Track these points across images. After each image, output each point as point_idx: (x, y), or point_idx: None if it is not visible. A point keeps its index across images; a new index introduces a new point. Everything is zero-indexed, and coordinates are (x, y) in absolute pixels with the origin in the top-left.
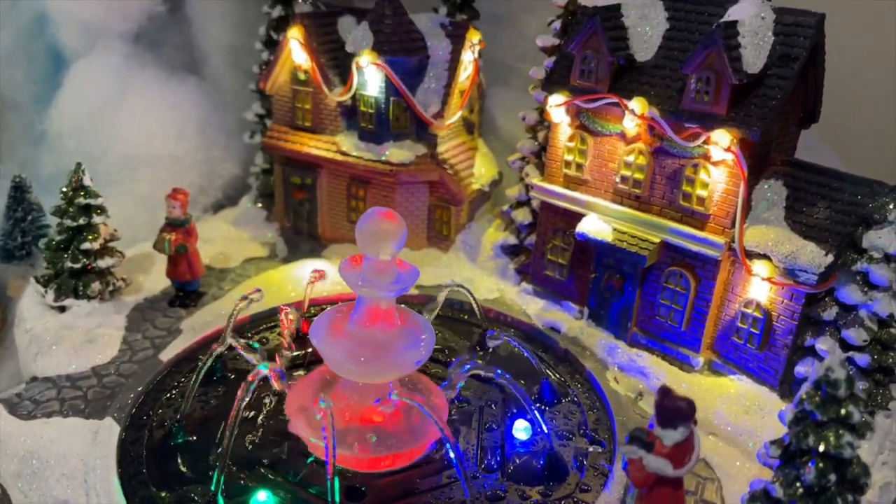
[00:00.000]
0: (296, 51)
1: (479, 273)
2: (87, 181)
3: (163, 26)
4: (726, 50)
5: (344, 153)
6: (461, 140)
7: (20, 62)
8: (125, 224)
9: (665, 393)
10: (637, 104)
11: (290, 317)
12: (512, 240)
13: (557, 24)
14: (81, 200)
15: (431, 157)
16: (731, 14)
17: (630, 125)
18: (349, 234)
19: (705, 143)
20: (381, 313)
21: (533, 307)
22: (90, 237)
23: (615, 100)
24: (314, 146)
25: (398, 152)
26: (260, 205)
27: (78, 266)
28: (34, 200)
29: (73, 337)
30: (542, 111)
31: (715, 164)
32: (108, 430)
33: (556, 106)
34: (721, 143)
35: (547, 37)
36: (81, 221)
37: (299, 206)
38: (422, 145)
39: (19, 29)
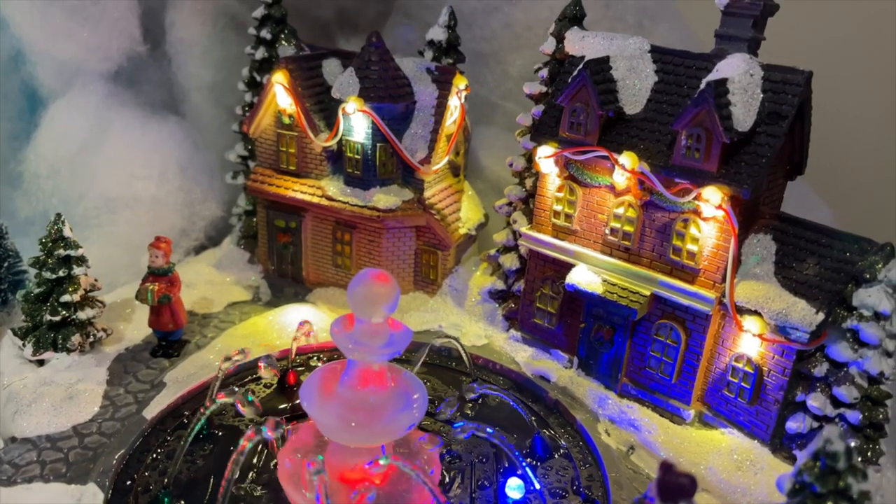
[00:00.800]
0: (280, 95)
1: (467, 318)
2: (66, 232)
3: (142, 64)
4: (717, 109)
5: (330, 198)
6: (447, 183)
7: None
8: (105, 268)
9: (666, 469)
10: (627, 159)
11: (267, 372)
12: (500, 285)
13: (544, 72)
14: (61, 252)
15: (419, 202)
16: (720, 69)
17: (620, 179)
18: (334, 278)
19: (696, 199)
20: (373, 375)
21: (522, 355)
22: (70, 289)
23: (605, 153)
24: (299, 190)
25: (385, 198)
26: (242, 246)
27: (57, 319)
28: (10, 247)
29: (52, 393)
30: (529, 158)
31: (705, 219)
32: (92, 497)
33: (546, 157)
34: (712, 200)
35: (534, 84)
36: (61, 273)
37: (283, 250)
38: (409, 190)
39: None
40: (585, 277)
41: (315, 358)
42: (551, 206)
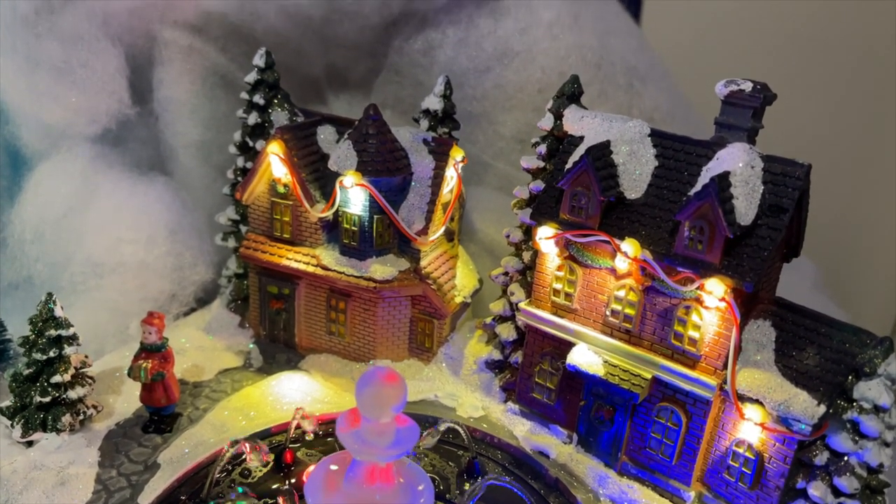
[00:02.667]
0: (275, 165)
1: (463, 388)
2: (57, 311)
3: (129, 123)
4: (721, 203)
5: (325, 268)
6: (443, 249)
7: None
8: (91, 334)
9: None
10: (630, 246)
11: (254, 457)
12: (496, 355)
13: (542, 148)
14: (52, 332)
15: (415, 272)
16: (720, 158)
17: (622, 265)
18: (327, 345)
19: (699, 289)
20: (379, 472)
21: (520, 428)
22: (61, 369)
23: (607, 239)
24: (293, 259)
25: (381, 268)
26: (232, 309)
27: (47, 400)
28: None
29: (44, 479)
30: (526, 230)
31: (707, 308)
32: None
33: (546, 238)
34: (716, 292)
35: (531, 158)
36: (52, 354)
37: (276, 316)
38: (405, 259)
39: None
40: (587, 358)
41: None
42: (551, 283)
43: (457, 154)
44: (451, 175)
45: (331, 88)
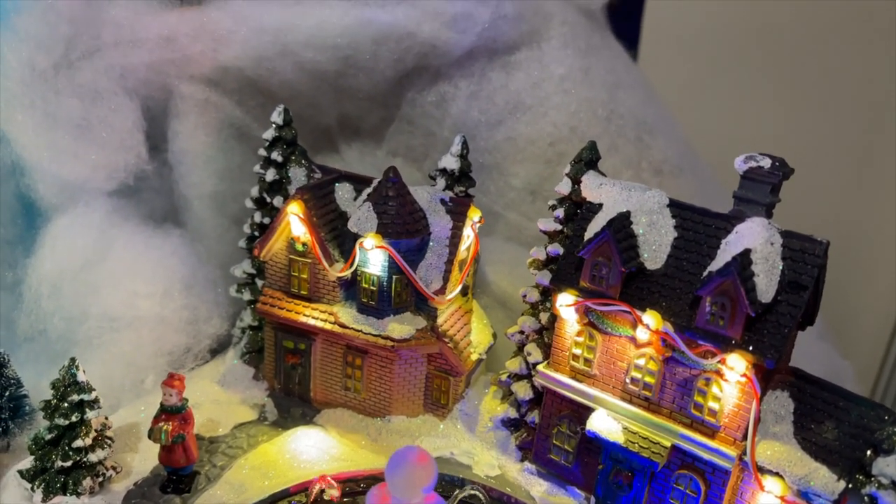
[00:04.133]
0: (295, 224)
1: (479, 445)
2: (80, 376)
3: (145, 175)
4: (742, 282)
5: (343, 325)
6: (457, 305)
7: None
8: (106, 388)
9: None
10: (651, 319)
11: None
12: (512, 413)
13: (560, 212)
14: (74, 398)
15: (432, 330)
16: (740, 232)
17: (643, 335)
18: (342, 399)
19: (719, 362)
20: None
21: (537, 489)
22: (82, 433)
23: (628, 309)
24: (311, 315)
25: (399, 327)
26: (247, 361)
27: (69, 464)
28: (12, 375)
29: None
30: (543, 291)
31: (727, 381)
32: None
33: (567, 306)
34: (737, 368)
35: (548, 221)
36: (74, 419)
37: (291, 370)
38: (422, 317)
39: None
40: (606, 425)
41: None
42: (570, 348)
43: (474, 214)
44: (468, 234)
45: (343, 137)
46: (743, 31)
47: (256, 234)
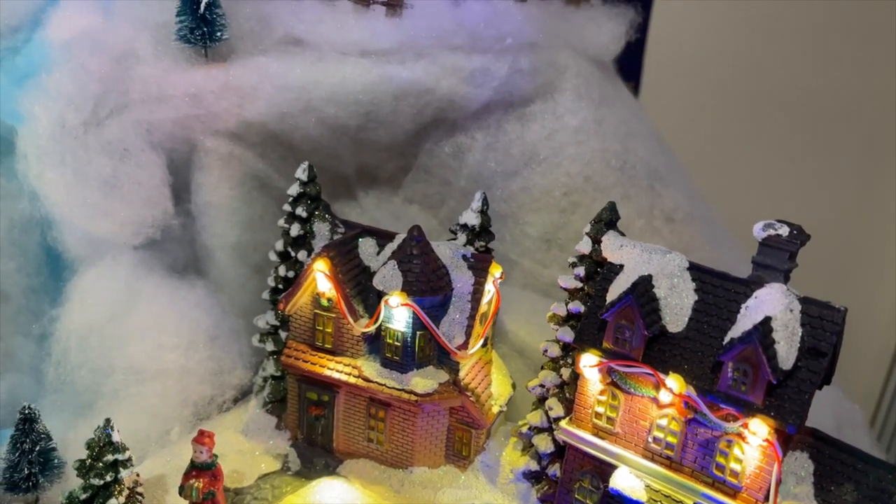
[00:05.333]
0: (321, 281)
1: (500, 497)
2: (115, 437)
3: (170, 228)
4: (764, 350)
5: (367, 379)
6: (478, 356)
7: (12, 255)
8: (132, 440)
9: None
10: (675, 383)
11: None
12: (533, 465)
13: (580, 271)
14: (109, 458)
15: (454, 384)
16: (759, 297)
17: (666, 398)
18: (365, 450)
19: (741, 426)
20: None
21: None
22: (116, 492)
23: (651, 372)
24: (334, 369)
25: (422, 381)
26: (269, 411)
27: None
28: (42, 430)
29: None
30: (564, 346)
31: (749, 444)
32: None
33: (590, 367)
34: (759, 433)
35: (568, 278)
36: (108, 478)
37: (314, 421)
38: (444, 371)
39: (12, 222)
40: (629, 483)
41: None
42: (593, 406)
43: (495, 270)
44: (490, 289)
45: (360, 185)
46: (746, 78)
47: (280, 286)
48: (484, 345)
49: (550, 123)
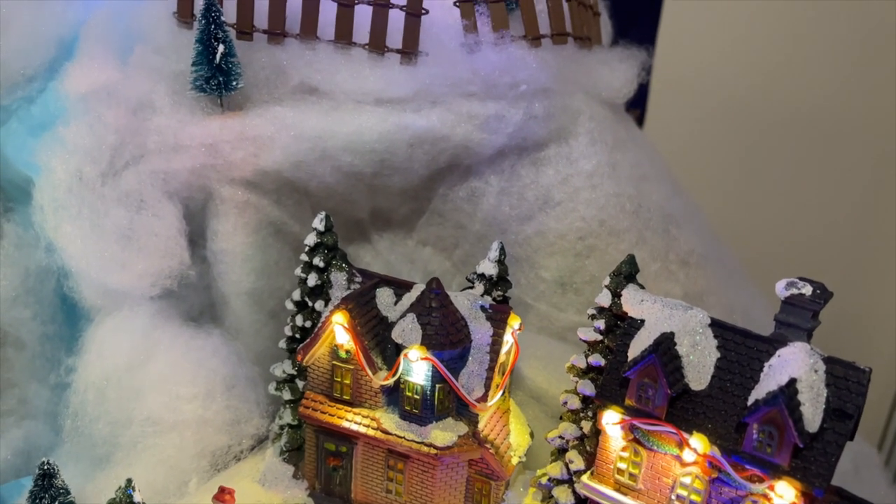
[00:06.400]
0: (339, 333)
1: None
2: (136, 497)
3: (186, 278)
4: (790, 413)
5: (385, 431)
6: (496, 406)
7: (27, 303)
8: (149, 492)
9: None
10: (699, 443)
11: None
12: None
13: (600, 324)
14: None
15: (474, 436)
16: (783, 356)
17: (690, 457)
18: (383, 501)
19: (767, 488)
20: None
21: None
22: None
23: (674, 431)
24: (353, 421)
25: (442, 434)
26: (286, 459)
27: None
28: (62, 485)
29: None
30: (584, 399)
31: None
32: None
33: (612, 424)
34: (786, 496)
35: (588, 330)
36: None
37: (332, 472)
38: (463, 423)
39: (28, 271)
40: None
41: None
42: (615, 462)
43: (514, 322)
44: (508, 340)
45: (374, 228)
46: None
47: (297, 336)
48: (502, 394)
49: (565, 168)
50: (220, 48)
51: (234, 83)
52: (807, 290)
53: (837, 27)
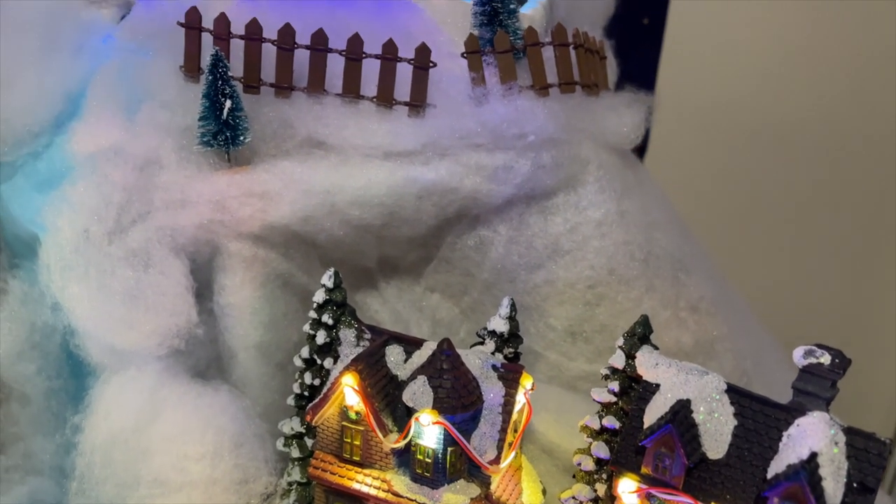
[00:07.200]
0: (349, 395)
1: None
2: None
3: (193, 334)
4: (812, 489)
5: (396, 494)
6: (508, 463)
7: (33, 358)
8: None
9: None
10: None
11: None
12: None
13: (614, 386)
14: None
15: (486, 497)
16: (802, 426)
17: None
18: None
19: None
20: None
21: None
22: None
23: (693, 501)
24: (363, 482)
25: (454, 497)
26: None
27: None
28: None
29: None
30: (597, 461)
31: None
32: None
33: (629, 493)
34: None
35: (602, 392)
36: None
37: None
38: (475, 485)
39: (33, 327)
40: None
41: None
42: None
43: (526, 381)
44: (521, 400)
45: (382, 275)
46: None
47: (306, 394)
48: (514, 454)
49: (573, 216)
50: (228, 103)
51: (242, 138)
52: (825, 358)
53: (851, 61)
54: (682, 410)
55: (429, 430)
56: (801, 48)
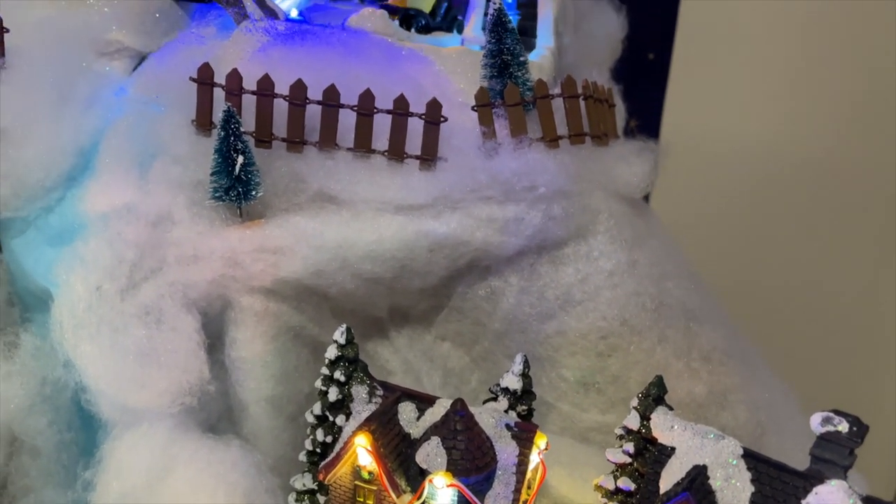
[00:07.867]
0: (362, 455)
1: None
2: None
3: (204, 389)
4: None
5: None
6: None
7: (44, 411)
8: None
9: None
10: None
11: None
12: None
13: (630, 448)
14: None
15: None
16: (819, 494)
17: None
18: None
19: None
20: None
21: None
22: None
23: None
24: None
25: None
26: None
27: None
28: None
29: None
30: None
31: None
32: None
33: None
34: None
35: (616, 452)
36: None
37: None
38: None
39: (45, 381)
40: None
41: None
42: None
43: (540, 441)
44: (535, 460)
45: (392, 324)
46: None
47: (318, 450)
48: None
49: (584, 267)
50: (240, 159)
51: (254, 192)
52: (843, 426)
53: (862, 101)
54: (698, 477)
55: (442, 492)
56: (809, 84)
